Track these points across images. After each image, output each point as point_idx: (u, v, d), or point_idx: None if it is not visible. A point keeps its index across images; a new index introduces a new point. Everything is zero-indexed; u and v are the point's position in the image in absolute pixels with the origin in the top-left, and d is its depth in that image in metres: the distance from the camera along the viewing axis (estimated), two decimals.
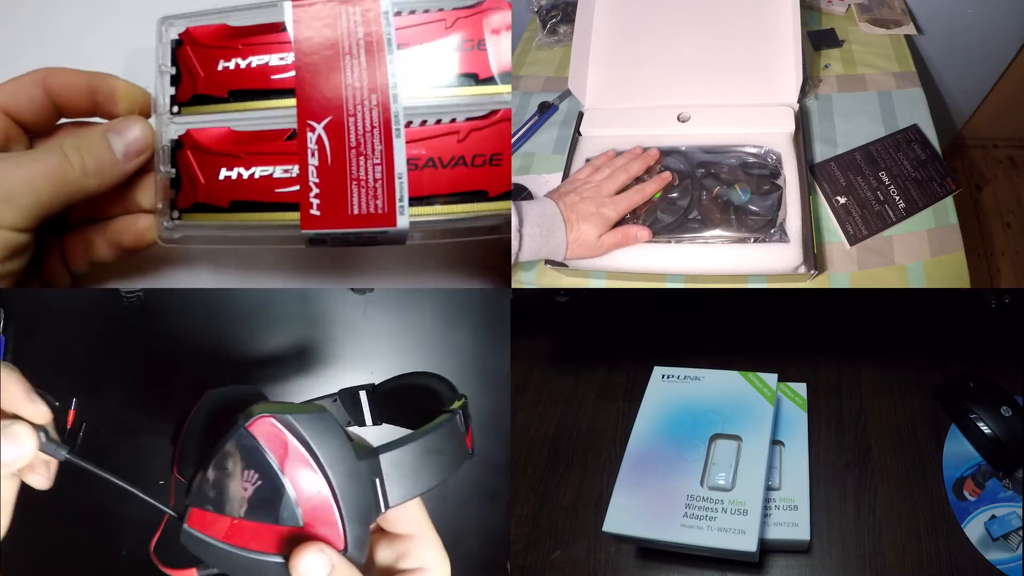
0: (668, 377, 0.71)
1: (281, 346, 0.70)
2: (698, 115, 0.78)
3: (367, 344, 0.71)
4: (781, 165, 0.73)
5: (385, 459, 0.37)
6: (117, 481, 0.38)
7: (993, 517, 0.61)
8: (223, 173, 0.54)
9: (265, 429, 0.34)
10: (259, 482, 0.34)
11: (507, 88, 0.56)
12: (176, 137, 0.55)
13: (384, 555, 0.42)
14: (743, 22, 0.81)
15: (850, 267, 0.72)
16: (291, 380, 0.70)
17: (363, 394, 0.56)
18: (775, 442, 0.65)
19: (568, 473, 0.70)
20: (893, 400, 0.72)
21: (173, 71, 0.56)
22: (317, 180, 0.53)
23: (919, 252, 0.72)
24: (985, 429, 0.65)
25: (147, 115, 0.55)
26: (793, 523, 0.59)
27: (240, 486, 0.34)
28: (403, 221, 0.53)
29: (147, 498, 0.37)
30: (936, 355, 0.75)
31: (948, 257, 0.72)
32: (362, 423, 0.57)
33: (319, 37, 0.55)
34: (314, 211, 0.53)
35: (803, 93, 0.79)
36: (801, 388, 0.70)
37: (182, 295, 0.68)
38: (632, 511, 0.60)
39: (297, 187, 0.54)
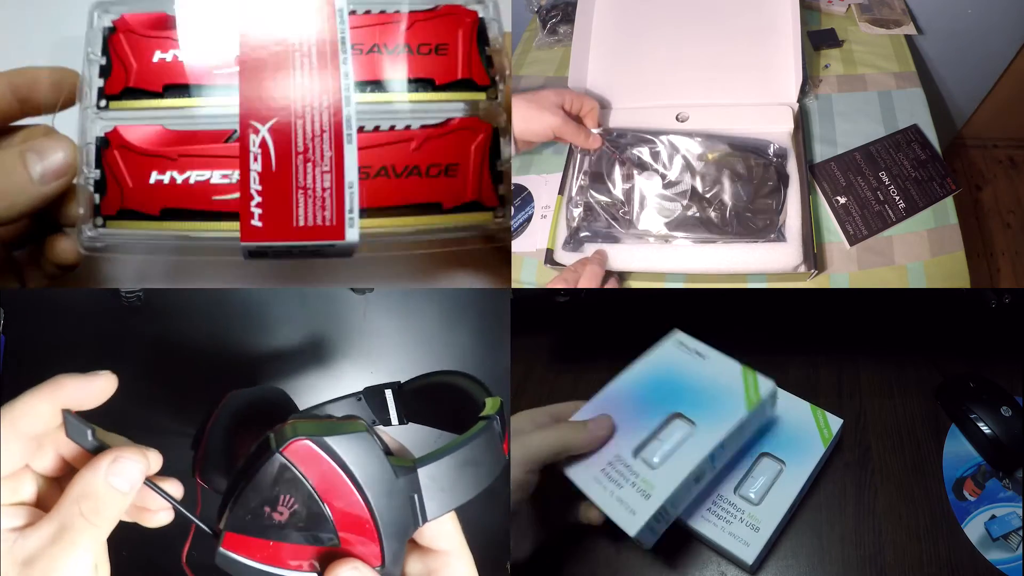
0: (681, 344, 0.67)
1: (281, 347, 0.70)
2: (697, 114, 0.78)
3: (366, 344, 0.71)
4: (781, 164, 0.73)
5: (423, 472, 0.36)
6: (158, 491, 0.37)
7: (993, 517, 0.61)
8: (154, 177, 0.49)
9: (301, 453, 0.33)
10: (296, 507, 0.34)
11: (466, 95, 0.53)
12: (102, 134, 0.50)
13: (415, 569, 0.40)
14: (743, 22, 0.81)
15: (850, 267, 0.72)
16: (292, 381, 0.70)
17: (388, 393, 0.54)
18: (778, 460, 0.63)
19: None
20: (893, 400, 0.72)
21: (103, 60, 0.50)
22: (260, 188, 0.48)
23: (919, 252, 0.72)
24: (985, 429, 0.65)
25: (73, 103, 0.49)
26: (745, 543, 0.57)
27: (277, 511, 0.34)
28: (352, 234, 0.49)
29: (185, 512, 0.36)
30: (936, 355, 0.75)
31: (948, 257, 0.71)
32: (388, 423, 0.54)
33: (267, 31, 0.50)
34: (255, 221, 0.48)
35: (803, 93, 0.79)
36: (836, 423, 0.66)
37: (182, 295, 0.68)
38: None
39: (237, 194, 0.49)
